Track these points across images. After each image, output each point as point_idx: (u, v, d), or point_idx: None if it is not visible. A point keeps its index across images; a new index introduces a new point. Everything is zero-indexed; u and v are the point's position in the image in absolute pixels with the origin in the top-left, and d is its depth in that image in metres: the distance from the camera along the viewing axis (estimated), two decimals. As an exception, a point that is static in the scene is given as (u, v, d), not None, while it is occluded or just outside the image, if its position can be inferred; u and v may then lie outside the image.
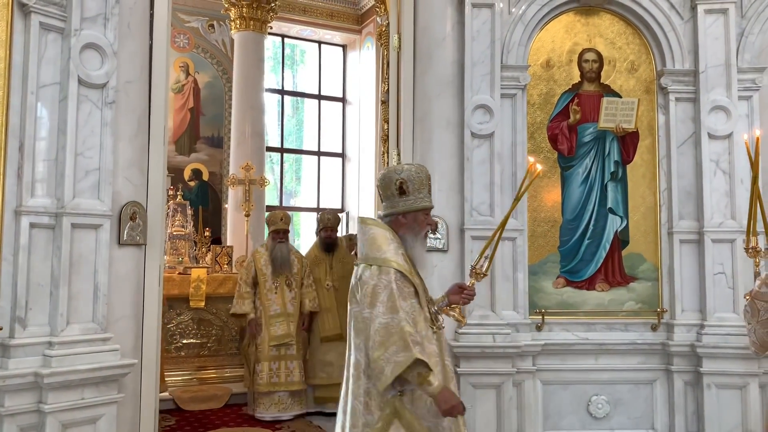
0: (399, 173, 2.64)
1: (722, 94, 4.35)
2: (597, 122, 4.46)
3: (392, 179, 2.64)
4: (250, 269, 5.69)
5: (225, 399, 6.09)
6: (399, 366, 2.33)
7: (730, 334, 4.16)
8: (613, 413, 4.31)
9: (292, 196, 16.99)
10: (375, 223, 2.66)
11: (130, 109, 3.51)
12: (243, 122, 9.30)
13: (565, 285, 4.42)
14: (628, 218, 4.44)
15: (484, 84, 4.33)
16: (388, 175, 2.67)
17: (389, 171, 2.68)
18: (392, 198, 2.64)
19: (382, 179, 2.67)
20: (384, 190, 2.66)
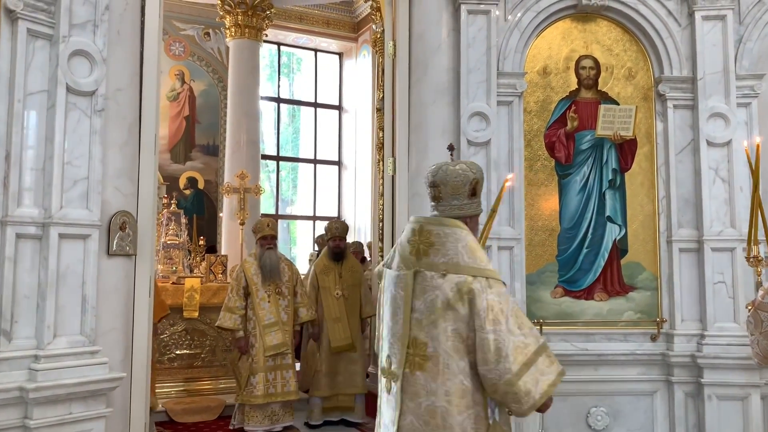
0: (474, 172, 2.46)
1: (721, 101, 4.30)
2: (595, 130, 4.41)
3: (468, 178, 2.44)
4: (240, 280, 5.60)
5: (218, 411, 6.00)
6: (551, 384, 2.33)
7: (731, 344, 4.10)
8: (613, 425, 4.24)
9: (288, 204, 16.95)
10: (458, 225, 2.39)
11: (120, 117, 3.44)
12: (238, 130, 9.25)
13: (564, 294, 4.36)
14: (627, 227, 4.39)
15: (480, 91, 4.28)
16: (463, 173, 2.43)
17: (463, 169, 2.44)
18: (461, 198, 2.43)
19: (456, 176, 2.42)
20: (455, 188, 2.42)
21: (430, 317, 2.28)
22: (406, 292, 2.34)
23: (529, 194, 4.40)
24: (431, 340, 2.28)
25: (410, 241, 2.40)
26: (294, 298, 5.73)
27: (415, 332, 2.31)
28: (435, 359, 2.27)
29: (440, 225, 2.39)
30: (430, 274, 2.31)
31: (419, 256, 2.35)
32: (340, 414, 5.78)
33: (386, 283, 2.45)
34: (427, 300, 2.30)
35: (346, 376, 5.77)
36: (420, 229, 2.40)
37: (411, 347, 2.31)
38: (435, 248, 2.35)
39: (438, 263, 2.31)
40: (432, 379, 2.27)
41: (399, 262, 2.41)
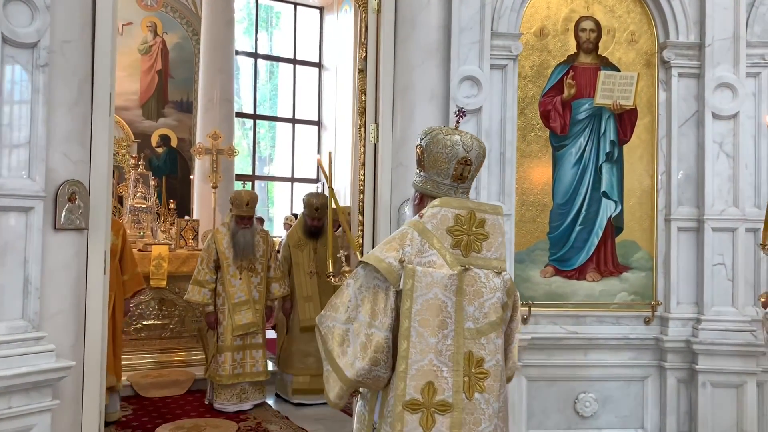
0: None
1: (729, 71, 4.00)
2: (593, 98, 4.09)
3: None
4: (211, 251, 5.27)
5: (188, 385, 5.73)
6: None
7: (728, 330, 3.89)
8: (602, 412, 4.04)
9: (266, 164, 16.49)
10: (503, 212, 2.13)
11: (69, 74, 3.04)
12: (211, 88, 8.79)
13: (554, 274, 4.10)
14: (623, 203, 4.11)
15: (472, 53, 3.92)
16: (485, 149, 2.14)
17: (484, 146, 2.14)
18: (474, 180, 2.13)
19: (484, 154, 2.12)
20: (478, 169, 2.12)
21: (492, 325, 1.97)
22: (459, 297, 1.94)
23: (521, 167, 4.09)
24: (491, 352, 1.96)
25: (454, 230, 1.99)
26: (267, 272, 5.42)
27: (468, 346, 1.94)
28: (495, 374, 1.96)
29: (496, 213, 2.07)
30: (484, 273, 1.99)
31: (468, 250, 1.98)
32: (316, 397, 5.50)
33: (420, 287, 1.93)
34: (484, 305, 1.97)
35: (317, 356, 5.47)
36: (470, 216, 2.00)
37: (466, 365, 1.93)
38: (489, 241, 2.02)
39: (491, 259, 2.01)
40: (495, 399, 1.96)
41: (437, 257, 1.96)
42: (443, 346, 1.93)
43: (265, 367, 5.32)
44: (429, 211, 2.04)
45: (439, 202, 2.04)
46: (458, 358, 1.92)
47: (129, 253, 4.86)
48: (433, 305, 1.93)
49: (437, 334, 1.92)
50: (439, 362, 1.92)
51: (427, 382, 1.91)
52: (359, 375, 1.96)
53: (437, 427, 1.90)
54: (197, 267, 5.30)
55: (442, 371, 1.92)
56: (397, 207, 3.96)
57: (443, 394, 1.91)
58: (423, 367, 1.91)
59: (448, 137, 2.08)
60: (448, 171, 2.05)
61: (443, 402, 1.91)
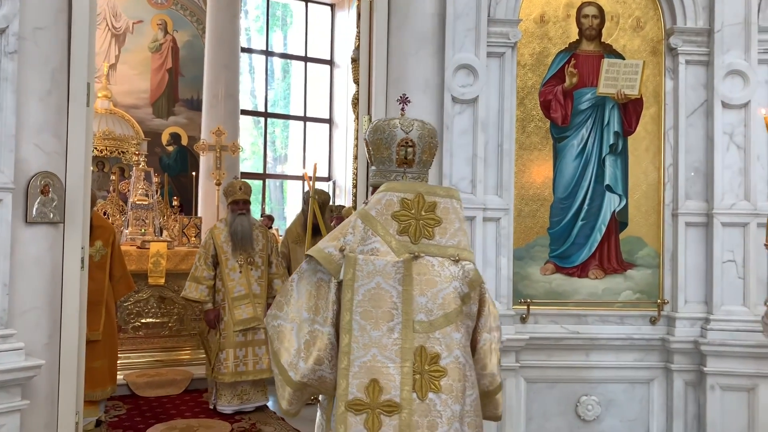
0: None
1: (739, 57, 3.79)
2: (596, 87, 3.91)
3: (437, 142, 2.04)
4: (209, 247, 5.16)
5: (185, 384, 5.63)
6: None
7: (738, 330, 3.69)
8: (605, 415, 3.86)
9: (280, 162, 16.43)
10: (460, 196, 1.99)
11: (42, 62, 2.94)
12: (216, 84, 8.69)
13: (555, 271, 3.92)
14: (628, 197, 3.92)
15: (468, 41, 3.76)
16: (436, 135, 2.02)
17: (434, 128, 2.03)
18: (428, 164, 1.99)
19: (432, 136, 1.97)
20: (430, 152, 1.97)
21: (447, 318, 1.79)
22: (406, 286, 1.78)
23: (520, 159, 3.92)
24: (448, 347, 1.78)
25: (400, 215, 1.84)
26: (269, 268, 5.30)
27: (421, 340, 1.77)
28: (454, 373, 1.78)
29: (450, 197, 1.89)
30: (438, 261, 1.82)
31: (417, 237, 1.82)
32: (312, 393, 5.40)
33: (361, 276, 1.79)
34: (438, 296, 1.79)
35: (318, 354, 5.36)
36: (418, 199, 1.85)
37: (417, 361, 1.77)
38: (443, 227, 1.85)
39: (447, 246, 1.83)
40: (455, 400, 1.77)
41: (381, 245, 1.82)
42: (388, 340, 1.77)
43: (268, 365, 5.18)
44: (374, 197, 1.91)
45: (383, 186, 1.92)
46: (406, 353, 1.76)
47: (118, 258, 4.77)
48: (375, 295, 1.79)
49: (381, 327, 1.77)
50: (384, 358, 1.77)
51: (372, 379, 1.75)
52: (304, 376, 1.82)
53: (384, 429, 1.74)
54: (195, 263, 5.20)
55: (388, 368, 1.76)
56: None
57: (390, 393, 1.75)
58: (366, 363, 1.76)
59: (386, 122, 1.98)
60: (392, 156, 1.93)
61: (390, 402, 1.74)
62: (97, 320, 4.39)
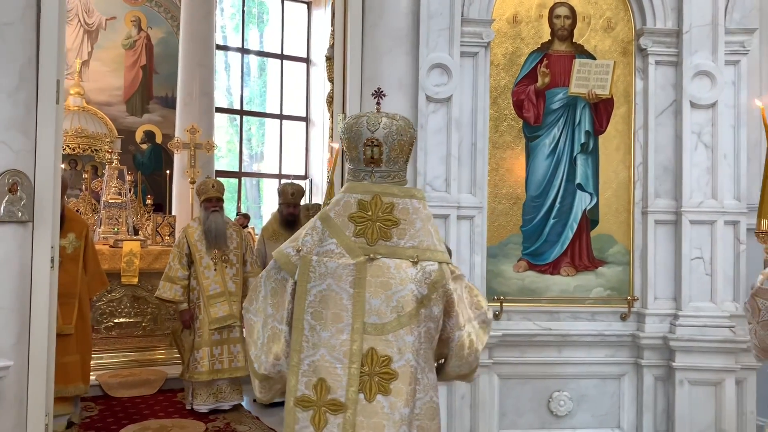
0: (414, 129, 1.95)
1: (707, 58, 3.87)
2: (568, 87, 3.96)
3: (412, 137, 1.92)
4: (183, 246, 5.13)
5: (159, 384, 5.58)
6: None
7: (706, 326, 3.77)
8: (576, 411, 3.91)
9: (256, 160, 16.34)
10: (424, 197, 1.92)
11: (10, 59, 2.90)
12: (191, 81, 8.63)
13: (528, 269, 3.97)
14: (599, 195, 3.98)
15: (442, 40, 3.79)
16: (407, 128, 1.91)
17: (406, 123, 1.92)
18: (400, 162, 1.90)
19: (402, 134, 1.88)
20: (400, 149, 1.88)
21: (400, 320, 1.77)
22: (358, 288, 1.78)
23: (494, 158, 3.96)
24: (400, 350, 1.77)
25: (357, 217, 1.84)
26: (243, 266, 5.28)
27: (371, 342, 1.77)
28: (405, 376, 1.76)
29: (409, 197, 1.85)
30: (395, 263, 1.80)
31: (374, 238, 1.81)
32: (286, 392, 5.39)
33: (314, 277, 1.82)
34: (392, 298, 1.78)
35: (292, 351, 5.36)
36: (375, 200, 1.84)
37: (367, 363, 1.77)
38: (401, 228, 1.83)
39: (405, 248, 1.81)
40: (403, 404, 1.75)
41: (336, 247, 1.83)
42: (337, 341, 1.78)
43: (244, 363, 5.15)
44: (334, 199, 1.92)
45: (343, 188, 1.92)
46: (355, 354, 1.76)
47: (92, 253, 4.71)
48: (326, 297, 1.81)
49: (330, 328, 1.79)
50: (332, 358, 1.78)
51: (319, 378, 1.78)
52: (266, 369, 1.89)
53: (329, 427, 1.76)
54: (169, 263, 5.16)
55: (335, 368, 1.78)
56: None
57: (336, 392, 1.77)
58: (315, 362, 1.79)
59: (354, 120, 1.92)
60: (359, 155, 1.89)
61: (335, 401, 1.76)
62: (70, 313, 4.34)
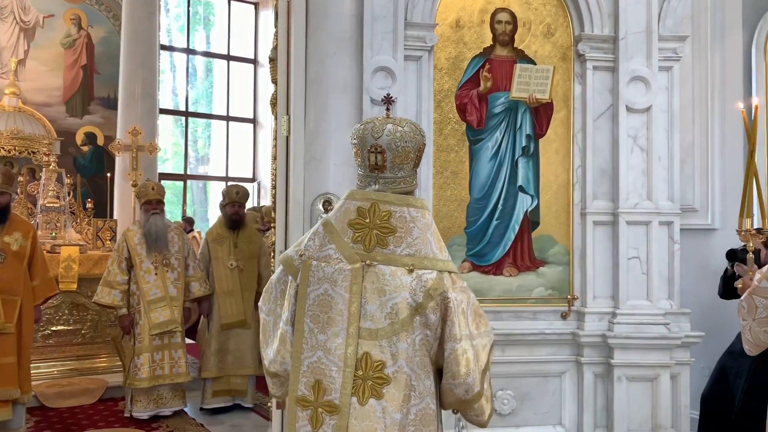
0: (423, 135, 1.94)
1: (642, 64, 4.01)
2: (509, 91, 4.03)
3: (418, 143, 1.92)
4: (122, 250, 5.01)
5: (99, 393, 5.43)
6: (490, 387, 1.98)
7: (642, 323, 3.90)
8: (519, 409, 3.98)
9: (202, 163, 16.06)
10: (426, 205, 1.91)
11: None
12: (133, 82, 8.42)
13: (472, 270, 4.02)
14: (539, 197, 4.07)
15: (386, 43, 3.81)
16: (413, 135, 1.90)
17: (413, 130, 1.91)
18: (406, 168, 1.90)
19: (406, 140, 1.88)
20: (404, 156, 1.89)
21: (393, 327, 1.80)
22: (352, 293, 1.81)
23: (438, 161, 4.00)
24: (393, 356, 1.79)
25: (355, 224, 1.86)
26: (185, 270, 5.19)
27: (366, 347, 1.80)
28: (398, 381, 1.79)
29: (406, 205, 1.86)
30: (390, 270, 1.82)
31: (370, 245, 1.83)
32: (233, 398, 5.33)
33: (312, 281, 1.87)
34: (386, 304, 1.80)
35: (236, 355, 5.30)
36: (373, 208, 1.85)
37: (361, 367, 1.80)
38: (398, 236, 1.83)
39: (401, 256, 1.82)
40: (395, 409, 1.78)
41: (335, 252, 1.86)
42: (333, 344, 1.82)
43: (185, 369, 5.07)
44: (337, 204, 1.95)
45: (346, 194, 1.95)
46: (350, 358, 1.80)
47: (40, 257, 4.56)
48: (323, 301, 1.85)
49: (327, 332, 1.84)
50: (327, 361, 1.83)
51: (316, 380, 1.84)
52: (273, 367, 1.99)
53: (323, 428, 1.81)
54: (107, 268, 5.03)
55: (331, 370, 1.82)
56: (310, 203, 3.80)
57: (331, 394, 1.81)
58: (313, 364, 1.85)
59: (362, 126, 1.94)
60: (365, 162, 1.92)
61: (330, 403, 1.81)
62: (11, 311, 4.19)
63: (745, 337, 2.53)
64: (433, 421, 1.85)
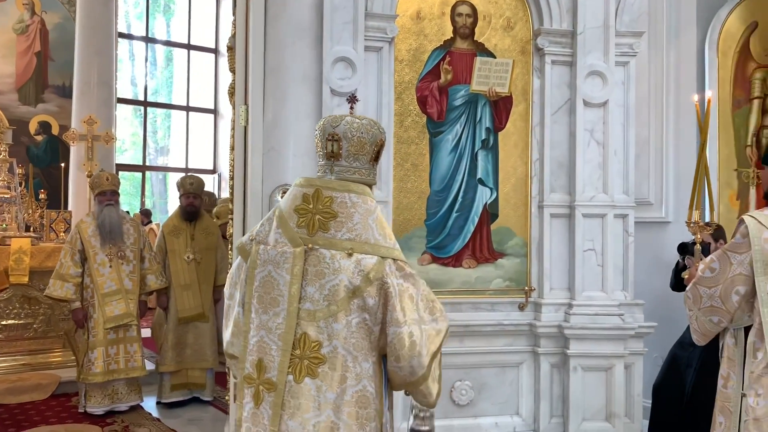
0: (382, 132, 2.03)
1: (599, 59, 4.06)
2: (469, 84, 4.05)
3: (375, 137, 2.00)
4: (75, 242, 4.88)
5: (52, 388, 5.30)
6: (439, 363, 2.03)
7: (597, 314, 3.97)
8: (477, 399, 4.02)
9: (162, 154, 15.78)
10: (369, 192, 1.97)
11: None
12: (88, 70, 8.23)
13: (431, 262, 4.03)
14: (498, 190, 4.10)
15: (346, 33, 3.78)
16: (371, 129, 1.99)
17: (371, 124, 2.00)
18: (363, 160, 1.98)
19: (363, 132, 1.96)
20: (360, 146, 1.97)
21: (330, 308, 1.86)
22: (293, 275, 1.88)
23: (399, 153, 4.00)
24: (329, 337, 1.86)
25: (300, 209, 1.94)
26: (141, 263, 5.09)
27: (304, 327, 1.87)
28: (333, 361, 1.85)
29: (347, 191, 1.93)
30: (330, 254, 1.88)
31: (313, 230, 1.90)
32: (190, 392, 5.26)
33: (259, 264, 1.95)
34: (325, 287, 1.87)
35: (195, 348, 5.22)
36: (316, 194, 1.93)
37: (298, 347, 1.86)
38: (338, 221, 1.90)
39: (341, 240, 1.88)
40: (329, 388, 1.85)
41: (281, 236, 1.94)
42: (274, 324, 1.90)
43: (141, 363, 4.98)
44: (288, 191, 2.03)
45: (296, 181, 2.02)
46: (288, 337, 1.87)
47: None
48: (267, 282, 1.94)
49: (269, 312, 1.92)
50: (269, 340, 1.91)
51: (259, 358, 1.91)
52: (230, 349, 2.05)
53: (263, 404, 1.89)
54: (60, 260, 4.90)
55: (271, 349, 1.90)
56: (268, 194, 3.76)
57: (270, 372, 1.89)
58: (257, 343, 1.93)
59: (324, 119, 2.05)
60: (323, 151, 2.01)
61: (269, 380, 1.89)
62: None
63: (692, 327, 2.59)
64: (371, 403, 1.89)
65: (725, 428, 2.47)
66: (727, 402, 2.49)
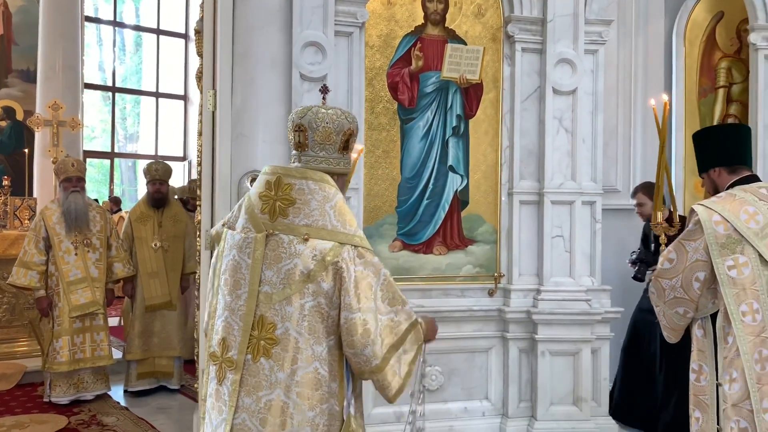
0: (350, 122, 2.07)
1: (569, 47, 4.09)
2: (440, 71, 4.04)
3: (342, 127, 2.04)
4: (39, 230, 4.77)
5: (17, 378, 5.20)
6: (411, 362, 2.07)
7: (565, 300, 4.02)
8: (447, 384, 4.05)
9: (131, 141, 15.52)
10: (327, 180, 2.00)
11: None
12: (53, 54, 8.04)
13: (402, 248, 4.04)
14: (469, 177, 4.11)
15: (316, 18, 3.74)
16: (337, 119, 2.03)
17: (338, 114, 2.05)
18: (330, 149, 2.03)
19: (328, 122, 2.01)
20: (325, 136, 2.02)
21: (285, 291, 1.92)
22: (254, 259, 1.95)
23: (370, 140, 3.98)
24: (282, 319, 1.92)
25: (263, 196, 2.00)
26: (108, 251, 5.00)
27: (262, 309, 1.94)
28: (285, 343, 1.92)
29: (304, 178, 1.98)
30: (288, 239, 1.94)
31: (274, 216, 1.97)
32: (157, 380, 5.20)
33: (226, 248, 2.04)
34: (281, 270, 1.93)
35: (162, 337, 5.16)
36: (277, 181, 1.99)
37: (256, 328, 1.94)
38: (296, 207, 1.96)
39: (299, 226, 1.94)
40: (279, 368, 1.91)
41: (246, 222, 2.00)
42: (236, 305, 1.98)
43: (108, 352, 4.90)
44: (257, 178, 2.09)
45: (263, 169, 2.08)
46: (248, 319, 1.95)
47: None
48: (231, 266, 2.00)
49: (233, 294, 1.99)
50: (232, 320, 1.98)
51: (223, 337, 1.99)
52: (207, 333, 2.09)
53: (225, 382, 1.97)
54: (23, 248, 4.79)
55: (234, 329, 1.98)
56: (237, 181, 3.72)
57: (230, 351, 1.97)
58: (222, 322, 2.00)
59: (296, 110, 2.11)
60: (292, 141, 2.09)
61: (230, 359, 1.96)
62: None
63: (662, 324, 2.59)
64: (323, 385, 1.92)
65: (703, 422, 2.46)
66: (702, 395, 2.47)
